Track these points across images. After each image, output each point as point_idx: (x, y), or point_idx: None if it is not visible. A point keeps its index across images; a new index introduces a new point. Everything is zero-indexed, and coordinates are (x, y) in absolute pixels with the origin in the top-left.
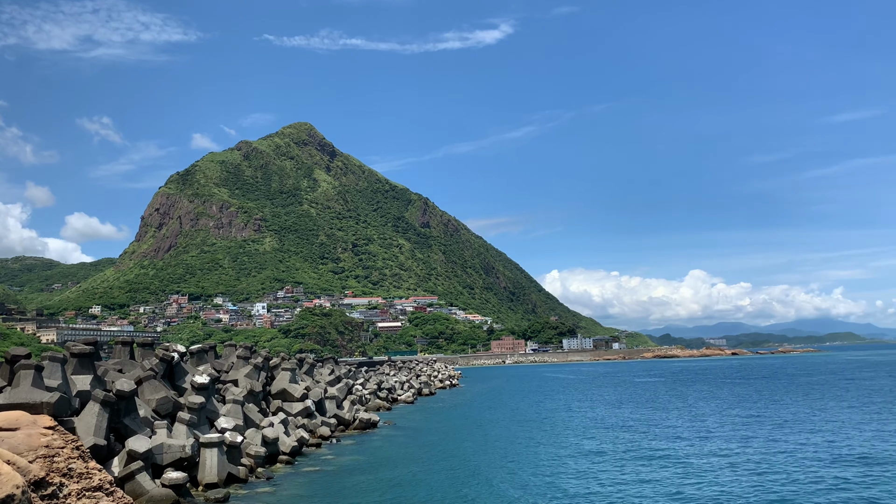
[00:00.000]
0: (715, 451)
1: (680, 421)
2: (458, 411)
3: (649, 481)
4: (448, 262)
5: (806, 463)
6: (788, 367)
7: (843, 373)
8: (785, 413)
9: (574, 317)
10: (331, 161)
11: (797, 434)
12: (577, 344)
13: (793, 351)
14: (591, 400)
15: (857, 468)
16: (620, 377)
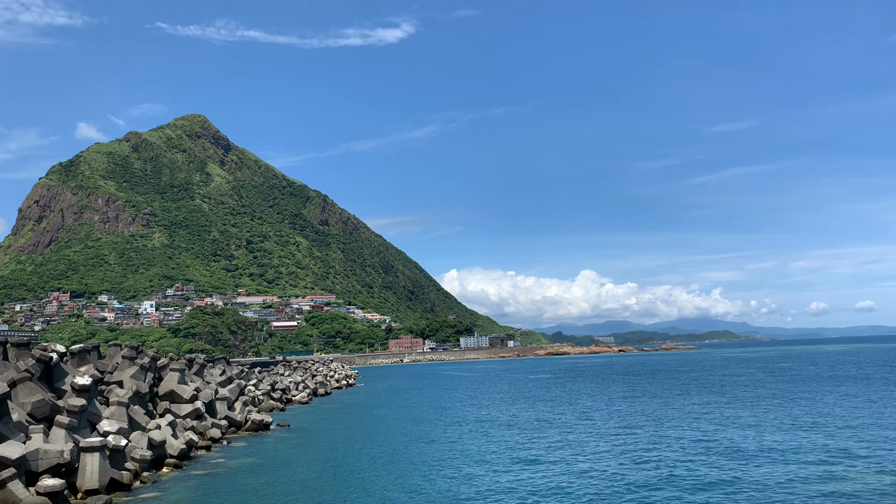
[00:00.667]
0: (600, 445)
1: (569, 416)
2: (354, 411)
3: (534, 479)
4: (347, 260)
5: (684, 454)
6: (670, 364)
7: (720, 369)
8: (666, 407)
9: (472, 315)
10: (225, 155)
11: (675, 427)
12: (473, 342)
13: (675, 348)
14: (483, 397)
15: (730, 458)
16: (514, 374)
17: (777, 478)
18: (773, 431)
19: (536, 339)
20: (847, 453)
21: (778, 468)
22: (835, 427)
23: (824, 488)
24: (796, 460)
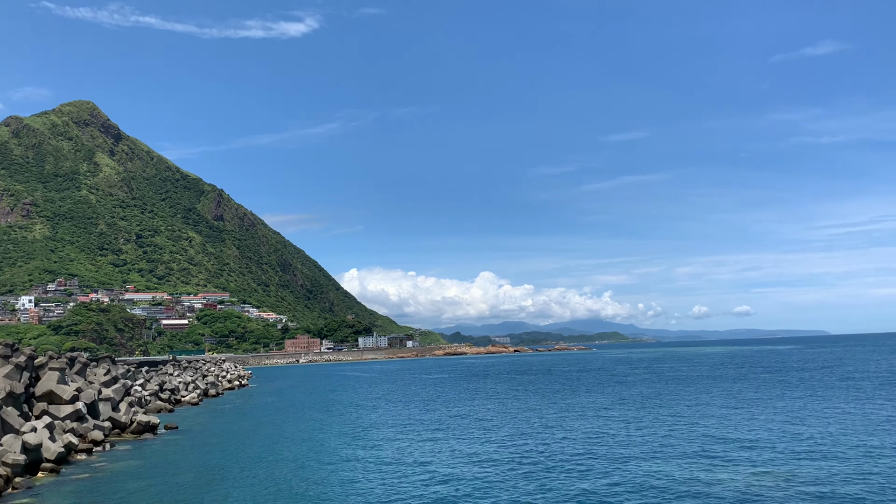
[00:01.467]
0: (489, 444)
1: (460, 418)
2: (245, 413)
3: (420, 480)
4: (242, 257)
5: (569, 450)
6: (562, 364)
7: (609, 369)
8: (554, 406)
9: (371, 315)
10: (115, 145)
11: (561, 425)
12: (372, 342)
13: (568, 348)
14: (379, 399)
15: (613, 457)
16: (411, 375)
17: (656, 474)
18: (651, 430)
19: (435, 340)
20: (719, 449)
21: (661, 465)
22: (707, 425)
23: (692, 487)
24: (673, 456)
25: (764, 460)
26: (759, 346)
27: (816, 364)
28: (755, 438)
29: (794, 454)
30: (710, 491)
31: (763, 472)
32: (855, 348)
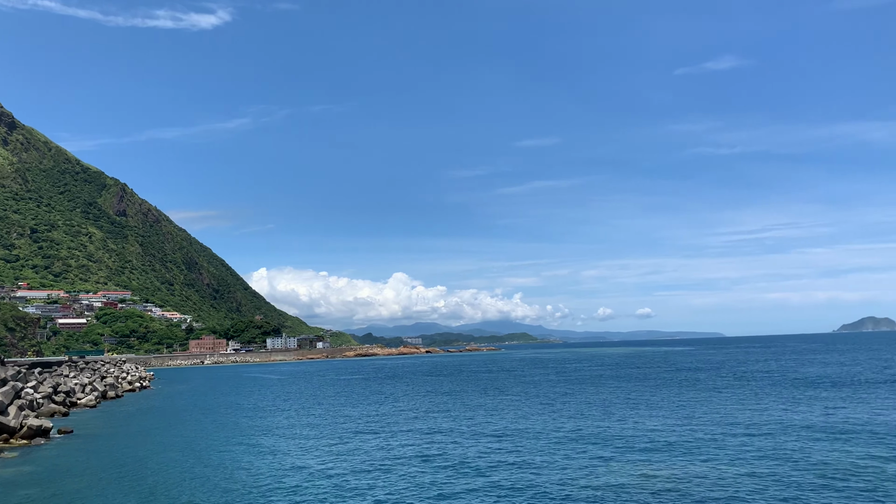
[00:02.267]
0: (395, 443)
1: (367, 418)
2: (146, 415)
3: (321, 487)
4: (146, 254)
5: (472, 449)
6: (472, 364)
7: (518, 370)
8: (461, 406)
9: (280, 316)
10: (9, 134)
11: (468, 424)
12: (281, 343)
13: (478, 349)
14: (285, 400)
15: (521, 452)
16: (320, 376)
17: (558, 471)
18: (554, 428)
19: (346, 341)
20: (617, 447)
21: (564, 462)
22: (605, 424)
23: (594, 481)
24: (574, 454)
25: (659, 458)
26: (658, 347)
27: (711, 365)
28: (651, 437)
29: (687, 452)
30: (605, 488)
31: (656, 470)
32: (748, 350)
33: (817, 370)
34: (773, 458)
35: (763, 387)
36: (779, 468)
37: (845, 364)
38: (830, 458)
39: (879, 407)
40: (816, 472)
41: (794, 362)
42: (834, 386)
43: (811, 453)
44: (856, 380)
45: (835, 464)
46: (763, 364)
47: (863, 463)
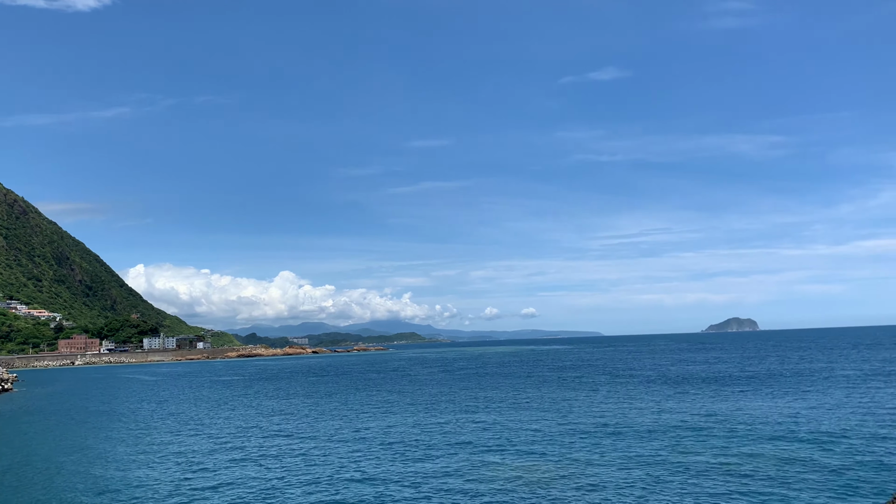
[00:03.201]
0: (267, 443)
1: (236, 421)
2: (4, 421)
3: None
4: (11, 248)
5: (348, 449)
6: (359, 365)
7: (406, 369)
8: (343, 406)
9: (159, 315)
10: None
11: (346, 422)
12: (158, 343)
13: (367, 349)
14: (161, 402)
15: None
16: (199, 377)
17: (429, 467)
18: (434, 425)
19: (229, 341)
20: (496, 442)
21: (437, 459)
22: (485, 420)
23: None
24: (448, 451)
25: (537, 451)
26: (541, 345)
27: (589, 363)
28: (531, 435)
29: (565, 446)
30: (477, 482)
31: (532, 464)
32: (623, 349)
33: (686, 368)
34: (644, 453)
35: (637, 384)
36: (649, 463)
37: (710, 362)
38: (697, 451)
39: (740, 401)
40: (679, 465)
41: (666, 360)
42: (703, 382)
43: (679, 447)
44: (720, 377)
45: (701, 455)
46: (637, 362)
47: (726, 454)
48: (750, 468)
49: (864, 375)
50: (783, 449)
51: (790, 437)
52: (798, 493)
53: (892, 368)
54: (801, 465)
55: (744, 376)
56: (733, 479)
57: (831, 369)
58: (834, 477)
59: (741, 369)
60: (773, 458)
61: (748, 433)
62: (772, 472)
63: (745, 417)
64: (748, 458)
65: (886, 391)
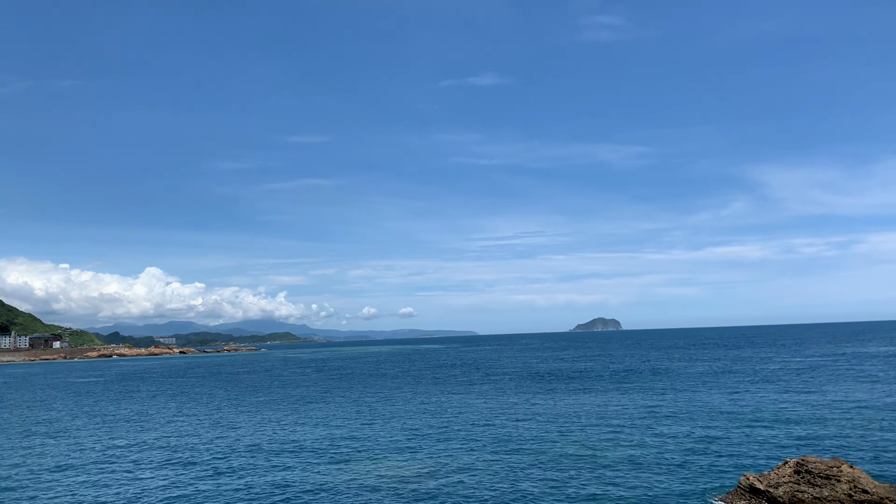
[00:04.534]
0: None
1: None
2: None
3: None
4: None
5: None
6: (229, 366)
7: (279, 370)
8: (214, 410)
9: (10, 312)
10: None
11: (207, 424)
12: (9, 343)
13: (238, 349)
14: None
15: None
16: (54, 378)
17: (285, 471)
18: (299, 427)
19: (89, 340)
20: (361, 443)
21: (291, 461)
22: (352, 423)
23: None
24: (313, 452)
25: (410, 448)
26: (419, 345)
27: (465, 361)
28: (404, 430)
29: (439, 442)
30: (346, 481)
31: (404, 461)
32: (498, 347)
33: (553, 366)
34: (513, 446)
35: (508, 381)
36: (518, 452)
37: (576, 360)
38: (561, 443)
39: (601, 395)
40: (545, 456)
41: (535, 358)
42: (569, 379)
43: (546, 439)
44: (584, 374)
45: (565, 447)
46: (510, 360)
47: (585, 444)
48: (609, 457)
49: (715, 373)
50: (631, 438)
51: (642, 428)
52: (648, 476)
53: (737, 367)
54: (652, 452)
55: (605, 373)
56: (590, 467)
57: (685, 367)
58: (677, 465)
59: (604, 367)
60: (626, 445)
61: (607, 424)
62: (621, 458)
63: (605, 410)
64: (607, 446)
65: (722, 389)
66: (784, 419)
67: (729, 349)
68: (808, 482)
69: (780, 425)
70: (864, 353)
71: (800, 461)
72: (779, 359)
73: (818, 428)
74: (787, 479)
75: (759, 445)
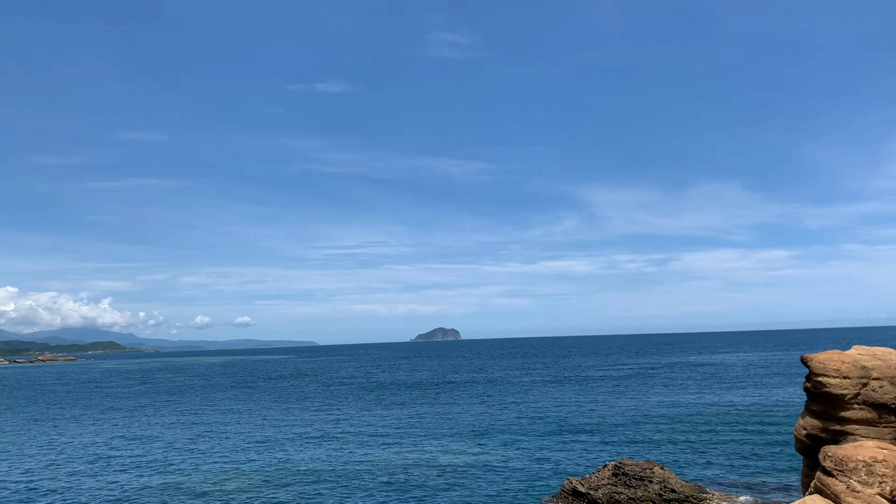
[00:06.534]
0: None
1: None
2: None
3: None
4: None
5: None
6: (44, 377)
7: (100, 382)
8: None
9: None
10: None
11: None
12: None
13: (54, 359)
14: None
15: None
16: None
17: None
18: (124, 442)
19: None
20: (191, 456)
21: (114, 476)
22: (183, 435)
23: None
24: (135, 466)
25: (238, 460)
26: (256, 355)
27: (302, 372)
28: (234, 441)
29: (272, 453)
30: (170, 494)
31: (233, 473)
32: (338, 358)
33: (393, 375)
34: (345, 458)
35: (345, 391)
36: (348, 463)
37: (415, 370)
38: (395, 451)
39: (437, 406)
40: (379, 464)
41: (376, 368)
42: (408, 388)
43: (385, 448)
44: (421, 383)
45: (404, 454)
46: (349, 371)
47: (422, 451)
48: (445, 461)
49: (544, 382)
50: (458, 446)
51: (471, 436)
52: (477, 483)
53: (565, 375)
54: (482, 458)
55: (443, 382)
56: (426, 472)
57: (518, 377)
58: (506, 471)
59: (440, 376)
60: (454, 453)
61: (442, 432)
62: (447, 465)
63: (439, 419)
64: (447, 454)
65: (549, 397)
66: (606, 424)
67: (558, 358)
68: (625, 483)
69: (602, 430)
70: (676, 363)
71: (617, 464)
72: (602, 368)
73: (633, 433)
74: (606, 481)
75: (582, 450)
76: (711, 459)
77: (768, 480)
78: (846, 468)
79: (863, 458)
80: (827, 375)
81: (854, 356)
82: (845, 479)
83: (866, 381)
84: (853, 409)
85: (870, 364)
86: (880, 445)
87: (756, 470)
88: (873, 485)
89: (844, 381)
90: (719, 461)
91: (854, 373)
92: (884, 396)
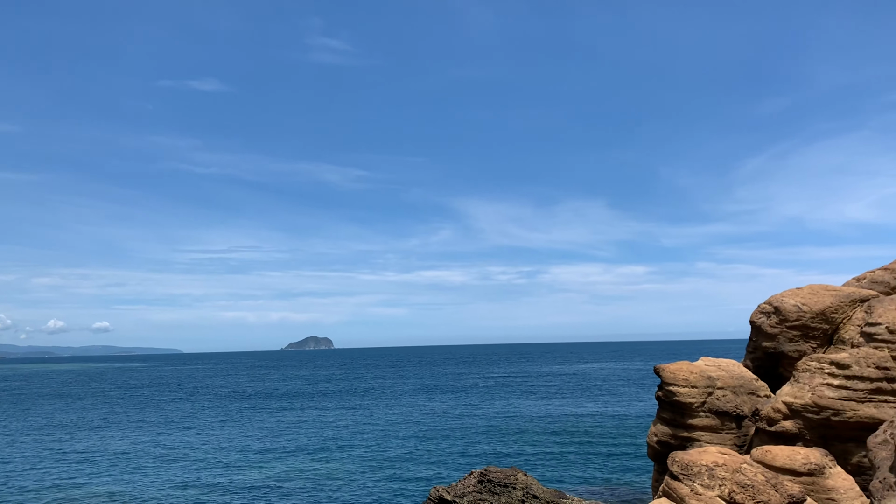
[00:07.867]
0: None
1: None
2: None
3: None
4: None
5: None
6: None
7: None
8: None
9: None
10: None
11: None
12: None
13: None
14: None
15: None
16: None
17: None
18: None
19: None
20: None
21: None
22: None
23: None
24: None
25: (81, 475)
26: (114, 363)
27: (164, 381)
28: (84, 454)
29: (121, 468)
30: None
31: (77, 489)
32: (204, 367)
33: (262, 385)
34: (206, 474)
35: (211, 401)
36: (210, 477)
37: (285, 379)
38: (257, 464)
39: (303, 417)
40: (242, 479)
41: (244, 378)
42: (275, 398)
43: (243, 460)
44: (288, 393)
45: (269, 466)
46: (216, 380)
47: (303, 461)
48: (310, 473)
49: (413, 391)
50: (323, 455)
51: (333, 449)
52: (342, 495)
53: (435, 383)
54: (346, 469)
55: (312, 392)
56: (289, 485)
57: (390, 385)
58: (371, 481)
59: (311, 386)
60: (327, 463)
61: (307, 444)
62: (320, 475)
63: (305, 430)
64: (312, 464)
65: (419, 406)
66: (473, 432)
67: (430, 367)
68: (490, 490)
69: (469, 438)
70: (543, 372)
71: (483, 471)
72: (471, 376)
73: (499, 440)
74: (471, 488)
75: (449, 458)
76: (572, 466)
77: (624, 485)
78: (691, 472)
79: (705, 462)
80: (676, 385)
81: (701, 367)
82: (690, 483)
83: (711, 391)
84: (699, 417)
85: (715, 374)
86: (721, 450)
87: (613, 475)
88: (714, 487)
89: (692, 391)
90: (579, 467)
91: (701, 382)
92: (726, 405)
